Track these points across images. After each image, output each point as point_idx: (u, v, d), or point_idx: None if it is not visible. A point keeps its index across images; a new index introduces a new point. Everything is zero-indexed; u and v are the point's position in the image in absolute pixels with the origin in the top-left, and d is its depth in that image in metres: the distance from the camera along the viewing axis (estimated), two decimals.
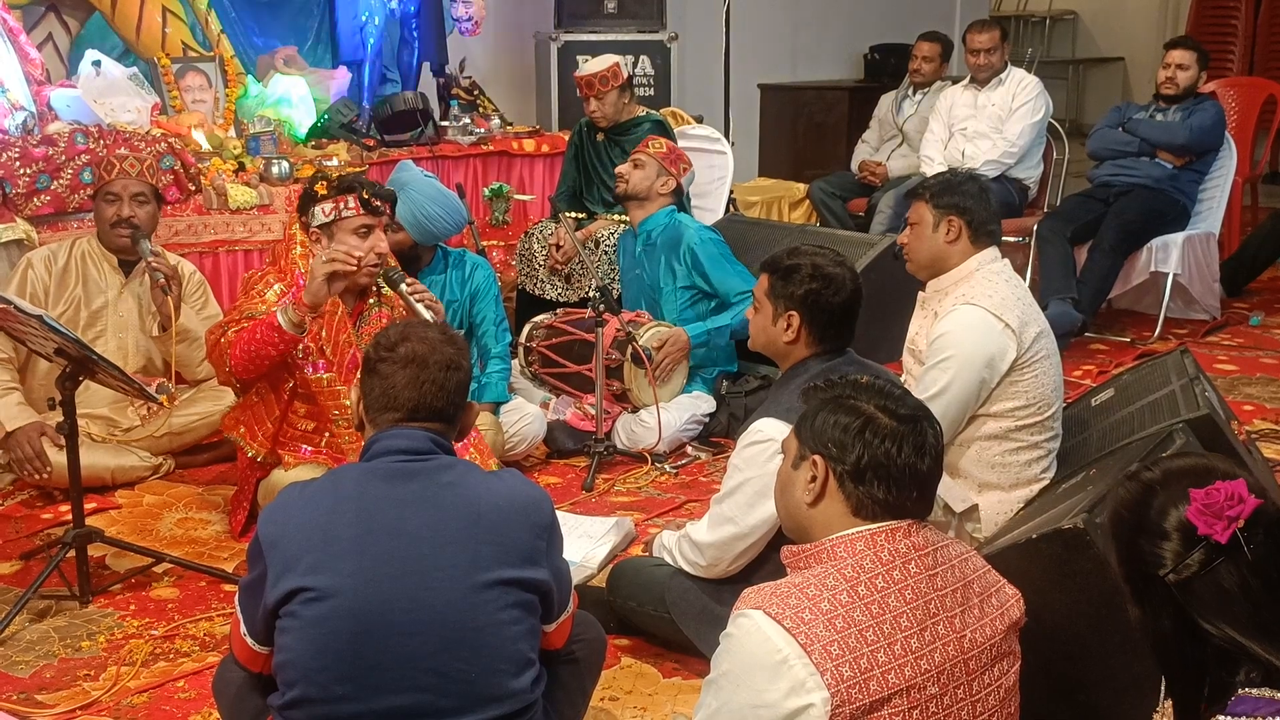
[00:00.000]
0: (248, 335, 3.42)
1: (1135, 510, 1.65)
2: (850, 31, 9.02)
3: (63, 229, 4.59)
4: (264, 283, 3.58)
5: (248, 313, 3.49)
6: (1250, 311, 6.19)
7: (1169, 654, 1.62)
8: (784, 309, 2.80)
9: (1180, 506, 1.59)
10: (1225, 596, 1.55)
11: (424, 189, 4.24)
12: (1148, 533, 1.61)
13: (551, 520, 2.18)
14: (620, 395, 4.39)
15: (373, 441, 2.17)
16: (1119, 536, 1.67)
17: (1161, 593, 1.59)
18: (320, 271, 3.36)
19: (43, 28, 5.45)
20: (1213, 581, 1.56)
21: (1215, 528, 1.55)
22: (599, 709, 2.78)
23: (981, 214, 3.31)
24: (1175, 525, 1.59)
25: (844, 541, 1.90)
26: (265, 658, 2.14)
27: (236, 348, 3.43)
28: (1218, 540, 1.54)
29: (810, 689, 1.75)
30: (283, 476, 3.51)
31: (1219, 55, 8.73)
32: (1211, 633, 1.55)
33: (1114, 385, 3.65)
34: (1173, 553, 1.58)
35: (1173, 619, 1.59)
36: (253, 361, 3.44)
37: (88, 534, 3.30)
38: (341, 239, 3.50)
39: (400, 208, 4.01)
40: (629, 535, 3.67)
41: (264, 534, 2.07)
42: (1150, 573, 1.60)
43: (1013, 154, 6.09)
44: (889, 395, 1.98)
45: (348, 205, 3.51)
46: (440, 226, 4.23)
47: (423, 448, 2.14)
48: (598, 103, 5.31)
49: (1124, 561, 1.66)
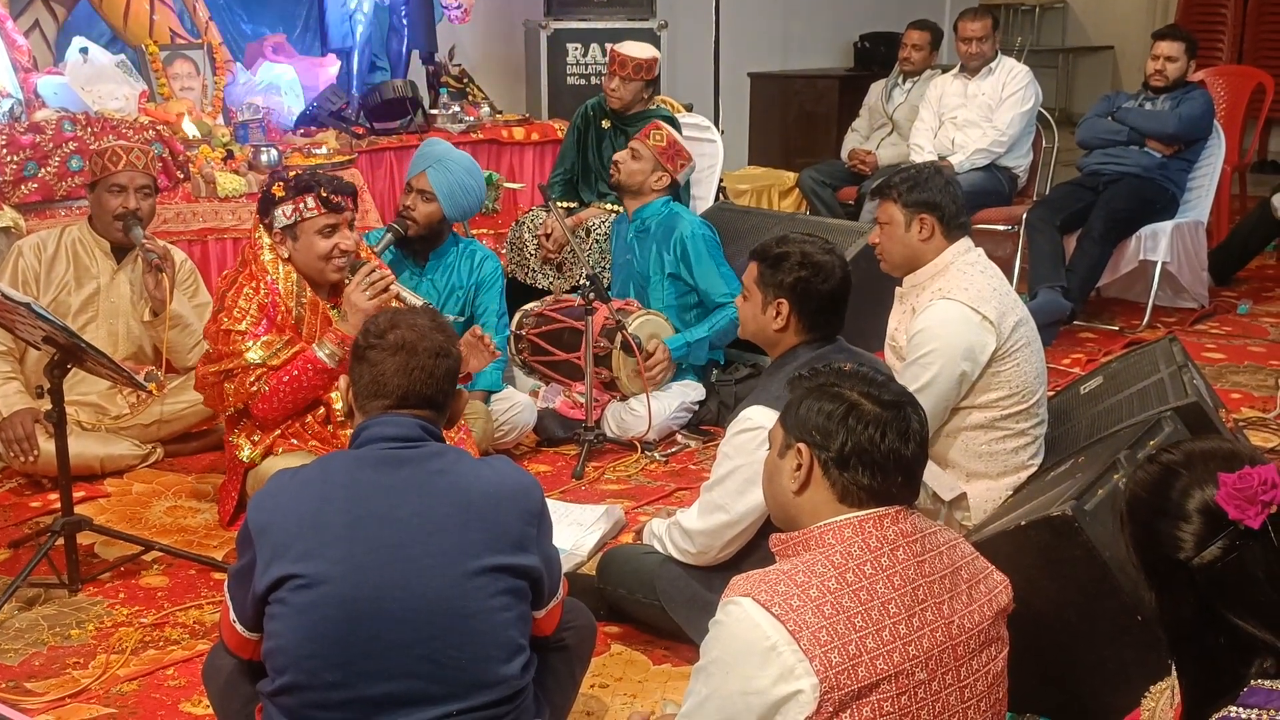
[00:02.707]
0: (289, 386, 3.48)
1: (1155, 492, 1.60)
2: (840, 20, 9.03)
3: (50, 216, 4.58)
4: (238, 291, 3.51)
5: (235, 355, 3.46)
6: (1238, 300, 6.20)
7: (1184, 640, 1.59)
8: (773, 297, 2.80)
9: (1206, 489, 1.54)
10: (1251, 584, 1.51)
11: (460, 160, 4.31)
12: (1168, 515, 1.56)
13: (541, 507, 2.18)
14: (610, 383, 4.39)
15: (362, 428, 2.16)
16: (1136, 519, 1.62)
17: (1181, 578, 1.55)
18: (364, 305, 3.44)
19: (30, 14, 5.42)
20: (1238, 568, 1.52)
21: (1248, 513, 1.50)
22: (589, 696, 2.78)
23: (951, 208, 3.28)
24: (1199, 508, 1.54)
25: (832, 529, 1.90)
26: (255, 644, 2.14)
27: (274, 400, 3.48)
28: (1249, 525, 1.50)
29: (799, 675, 1.76)
30: (272, 464, 3.51)
31: (1208, 43, 8.73)
32: (1233, 620, 1.51)
33: (1103, 373, 3.66)
34: (1194, 536, 1.54)
35: (1192, 605, 1.55)
36: (294, 406, 3.53)
37: (77, 522, 3.30)
38: (308, 242, 3.50)
39: (437, 177, 4.08)
40: (619, 523, 3.68)
41: (253, 521, 2.07)
42: (1170, 557, 1.56)
43: (1002, 143, 6.09)
44: (873, 382, 1.98)
45: (307, 206, 3.49)
46: (472, 200, 4.27)
47: (412, 435, 2.14)
48: (620, 83, 5.23)
49: (1140, 545, 1.62)
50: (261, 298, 3.49)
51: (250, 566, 2.06)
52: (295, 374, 3.48)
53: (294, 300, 3.53)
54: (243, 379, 3.48)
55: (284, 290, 3.52)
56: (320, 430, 3.60)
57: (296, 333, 3.54)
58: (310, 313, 3.56)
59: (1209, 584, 1.53)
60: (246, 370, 3.47)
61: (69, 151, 4.60)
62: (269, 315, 3.50)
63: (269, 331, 3.49)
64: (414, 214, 4.18)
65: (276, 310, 3.51)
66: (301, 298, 3.54)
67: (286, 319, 3.52)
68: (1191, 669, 1.60)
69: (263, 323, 3.49)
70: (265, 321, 3.49)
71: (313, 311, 3.56)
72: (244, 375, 3.47)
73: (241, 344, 3.46)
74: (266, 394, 3.48)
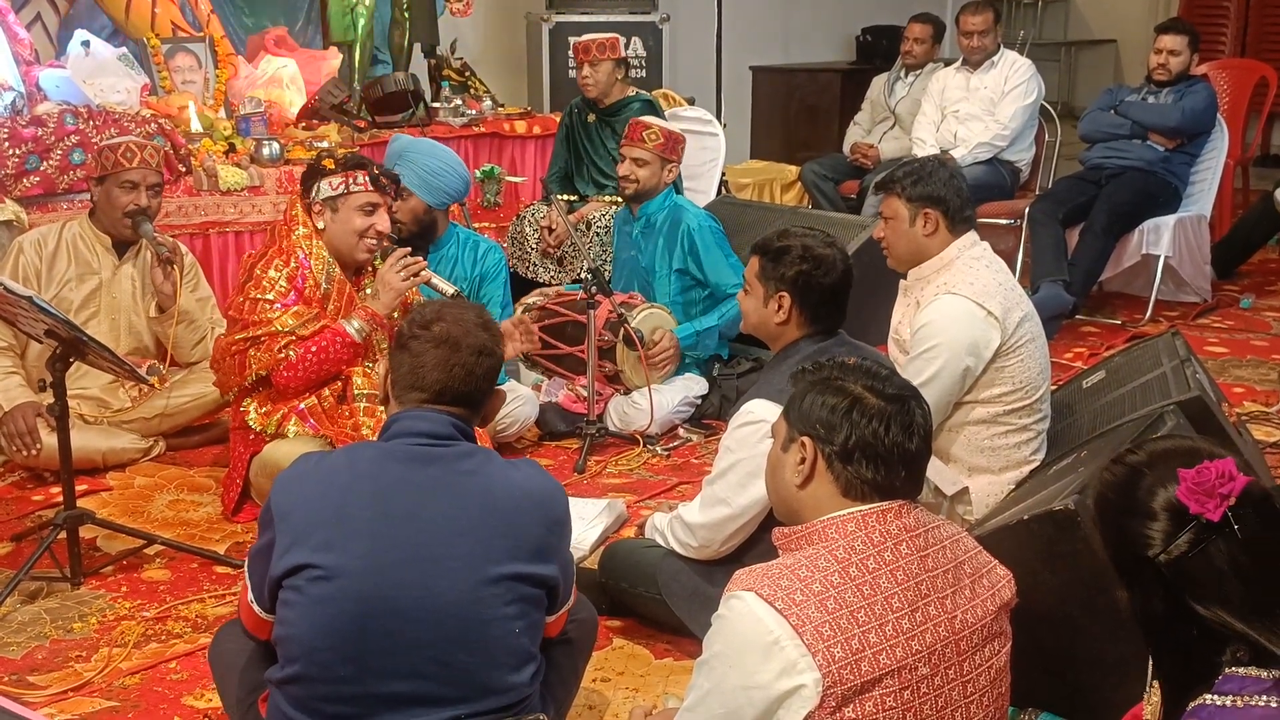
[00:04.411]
0: (316, 357, 3.53)
1: (1121, 492, 1.65)
2: (842, 13, 9.02)
3: (52, 210, 4.57)
4: (267, 263, 3.57)
5: (263, 324, 3.49)
6: (1241, 294, 6.20)
7: (1158, 635, 1.63)
8: (775, 290, 2.80)
9: (1169, 487, 1.59)
10: (1216, 575, 1.55)
11: (420, 148, 4.29)
12: (1136, 514, 1.61)
13: (565, 514, 2.16)
14: (612, 377, 4.39)
15: (394, 420, 2.14)
16: (1106, 519, 1.67)
17: (1151, 574, 1.59)
18: (398, 285, 3.56)
19: (31, 7, 5.42)
20: (1204, 561, 1.56)
21: (1207, 506, 1.54)
22: (591, 690, 2.78)
23: (956, 202, 3.26)
24: (1164, 505, 1.59)
25: (835, 523, 1.90)
26: (270, 626, 2.13)
27: (299, 368, 3.52)
28: (1209, 519, 1.54)
29: (802, 670, 1.76)
30: (277, 448, 3.51)
31: (1211, 37, 8.71)
32: (1202, 613, 1.55)
33: (1105, 367, 3.66)
34: (1162, 533, 1.58)
35: (1163, 600, 1.59)
36: (318, 377, 3.58)
37: (79, 516, 3.30)
38: (348, 216, 3.58)
39: (405, 174, 4.08)
40: (621, 517, 3.68)
41: (276, 502, 2.05)
42: (1140, 554, 1.60)
43: (1005, 136, 6.09)
44: (876, 376, 1.98)
45: (357, 181, 3.58)
46: (447, 181, 4.21)
47: (443, 432, 2.11)
48: (590, 69, 5.29)
49: (1111, 544, 1.67)
50: (291, 270, 3.55)
51: (269, 547, 2.05)
52: (323, 344, 3.54)
53: (324, 277, 3.59)
54: (270, 344, 3.51)
55: (315, 267, 3.58)
56: (333, 406, 3.62)
57: (323, 309, 3.59)
58: (337, 292, 3.62)
59: (1178, 578, 1.57)
60: (275, 337, 3.51)
61: (71, 145, 4.60)
62: (298, 288, 3.55)
63: (298, 303, 3.54)
64: (398, 215, 4.14)
65: (305, 283, 3.56)
66: (331, 275, 3.60)
67: (315, 293, 3.58)
68: (1167, 661, 1.64)
69: (290, 294, 3.54)
70: (294, 294, 3.55)
71: (339, 291, 3.62)
72: (271, 341, 3.51)
73: (270, 311, 3.51)
74: (293, 361, 3.52)
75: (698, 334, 4.48)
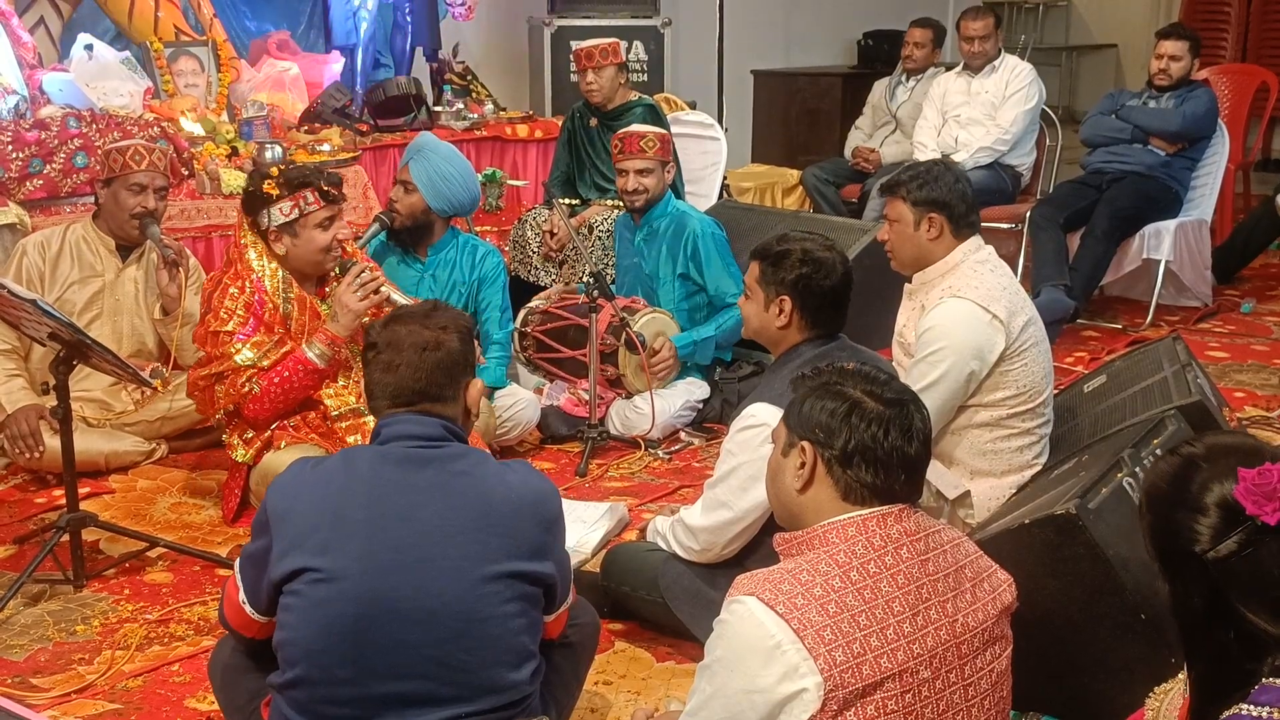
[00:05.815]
0: (280, 387, 3.50)
1: (1174, 483, 1.60)
2: (843, 17, 9.02)
3: (55, 213, 4.59)
4: (223, 292, 3.52)
5: (224, 358, 3.47)
6: (1242, 298, 6.20)
7: (1196, 633, 1.59)
8: (775, 294, 2.81)
9: (1225, 483, 1.54)
10: (1264, 579, 1.51)
11: (441, 150, 4.27)
12: (1186, 507, 1.57)
13: (558, 514, 2.18)
14: (614, 381, 4.40)
15: (383, 425, 2.16)
16: (1154, 509, 1.62)
17: (1195, 569, 1.55)
18: (356, 307, 3.49)
19: (34, 11, 5.44)
20: (1253, 564, 1.52)
21: (1265, 509, 1.50)
22: (593, 693, 2.78)
23: (961, 207, 3.25)
24: (1217, 501, 1.54)
25: (836, 527, 1.91)
26: (260, 625, 2.14)
27: (265, 401, 3.50)
28: (1266, 521, 1.50)
29: (803, 674, 1.76)
30: (275, 458, 3.52)
31: (1212, 41, 8.71)
32: (1245, 614, 1.51)
33: (1106, 372, 3.66)
34: (1210, 529, 1.54)
35: (1204, 598, 1.55)
36: (285, 407, 3.56)
37: (82, 518, 3.31)
38: (309, 237, 3.51)
39: (417, 168, 4.09)
40: (622, 520, 3.68)
41: (272, 506, 2.07)
42: (1185, 549, 1.56)
43: (1006, 141, 6.10)
44: (875, 380, 1.99)
45: (308, 201, 3.50)
46: (454, 189, 4.18)
47: (434, 434, 2.13)
48: (594, 75, 5.29)
49: (1157, 535, 1.62)
50: (248, 296, 3.51)
51: (266, 551, 2.06)
52: (286, 375, 3.51)
53: (280, 297, 3.55)
54: (234, 380, 3.49)
55: (270, 287, 3.54)
56: (320, 425, 3.61)
57: (285, 329, 3.56)
58: (298, 309, 3.58)
59: (1223, 577, 1.53)
60: (237, 371, 3.48)
61: (74, 148, 4.61)
62: (256, 314, 3.51)
63: (257, 330, 3.51)
64: (398, 205, 4.18)
65: (263, 308, 3.52)
66: (289, 294, 3.56)
67: (275, 316, 3.54)
68: (1202, 664, 1.60)
69: (250, 322, 3.50)
70: (253, 320, 3.50)
71: (300, 308, 3.58)
72: (235, 377, 3.49)
73: (230, 345, 3.48)
74: (258, 395, 3.50)
75: (695, 343, 4.48)
